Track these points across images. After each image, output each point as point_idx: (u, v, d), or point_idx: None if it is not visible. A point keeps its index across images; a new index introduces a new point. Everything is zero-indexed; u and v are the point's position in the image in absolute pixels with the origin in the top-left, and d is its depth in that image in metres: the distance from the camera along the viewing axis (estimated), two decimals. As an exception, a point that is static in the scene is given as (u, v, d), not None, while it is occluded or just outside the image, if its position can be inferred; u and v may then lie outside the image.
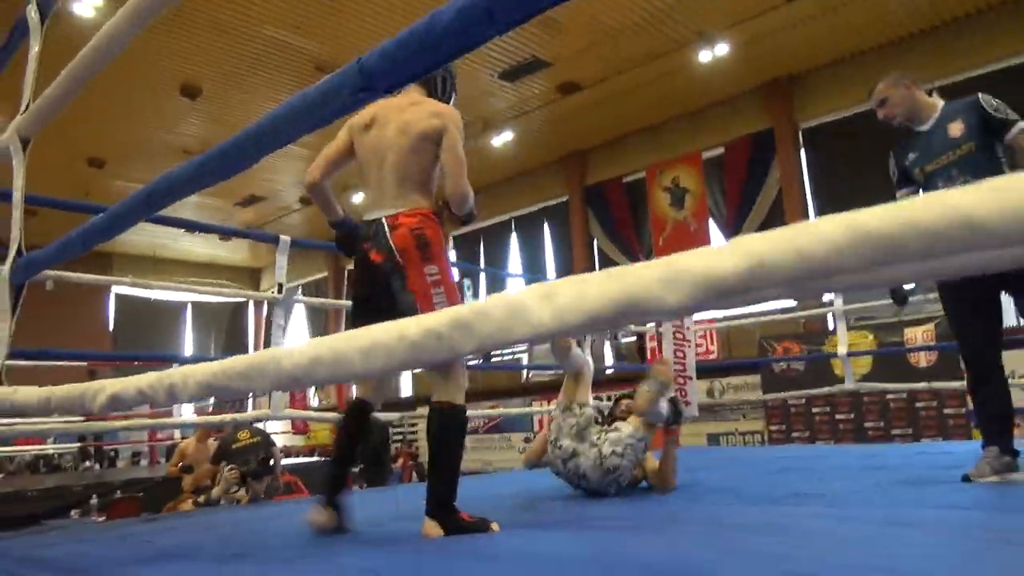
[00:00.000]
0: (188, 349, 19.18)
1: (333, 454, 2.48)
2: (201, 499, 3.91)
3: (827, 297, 12.10)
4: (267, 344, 20.13)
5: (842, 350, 4.81)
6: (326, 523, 2.27)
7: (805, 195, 12.86)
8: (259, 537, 2.39)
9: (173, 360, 7.89)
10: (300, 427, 11.74)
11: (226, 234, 14.32)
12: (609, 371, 13.11)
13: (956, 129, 2.78)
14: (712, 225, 13.99)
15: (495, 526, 2.17)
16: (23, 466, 9.39)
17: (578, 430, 2.87)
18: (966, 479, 2.60)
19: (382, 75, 0.73)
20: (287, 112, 0.91)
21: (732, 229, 13.59)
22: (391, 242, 2.22)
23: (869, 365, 10.78)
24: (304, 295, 20.53)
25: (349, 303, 2.50)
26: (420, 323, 0.83)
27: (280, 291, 3.23)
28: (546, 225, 16.19)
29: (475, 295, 16.68)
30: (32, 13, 1.87)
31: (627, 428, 2.85)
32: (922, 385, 5.60)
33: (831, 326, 12.40)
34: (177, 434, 8.06)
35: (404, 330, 0.83)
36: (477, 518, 2.18)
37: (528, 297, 0.72)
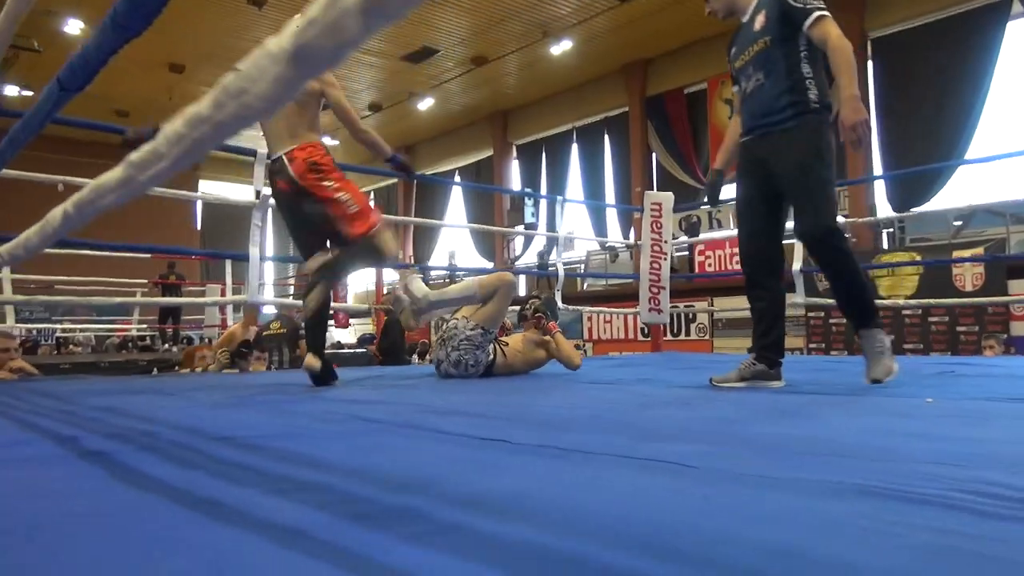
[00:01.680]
0: (269, 249, 20.51)
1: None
2: (199, 369, 4.75)
3: (882, 214, 11.93)
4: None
5: (796, 266, 5.08)
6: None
7: (868, 109, 12.45)
8: (197, 388, 3.05)
9: (227, 256, 8.76)
10: (342, 321, 12.78)
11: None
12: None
13: (759, 21, 2.57)
14: (770, 139, 13.76)
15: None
16: (113, 346, 10.74)
17: (440, 340, 3.47)
18: (711, 383, 2.62)
19: (69, 81, 1.22)
20: (25, 119, 1.39)
21: (790, 144, 13.34)
22: (291, 173, 2.79)
23: (915, 286, 10.76)
24: (375, 200, 21.50)
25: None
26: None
27: (258, 197, 3.85)
28: (606, 136, 16.23)
29: (535, 215, 17.05)
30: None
31: (464, 330, 3.40)
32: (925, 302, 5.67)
33: (885, 245, 12.28)
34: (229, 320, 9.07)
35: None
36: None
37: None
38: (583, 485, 0.98)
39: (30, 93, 16.08)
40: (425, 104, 17.05)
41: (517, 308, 4.04)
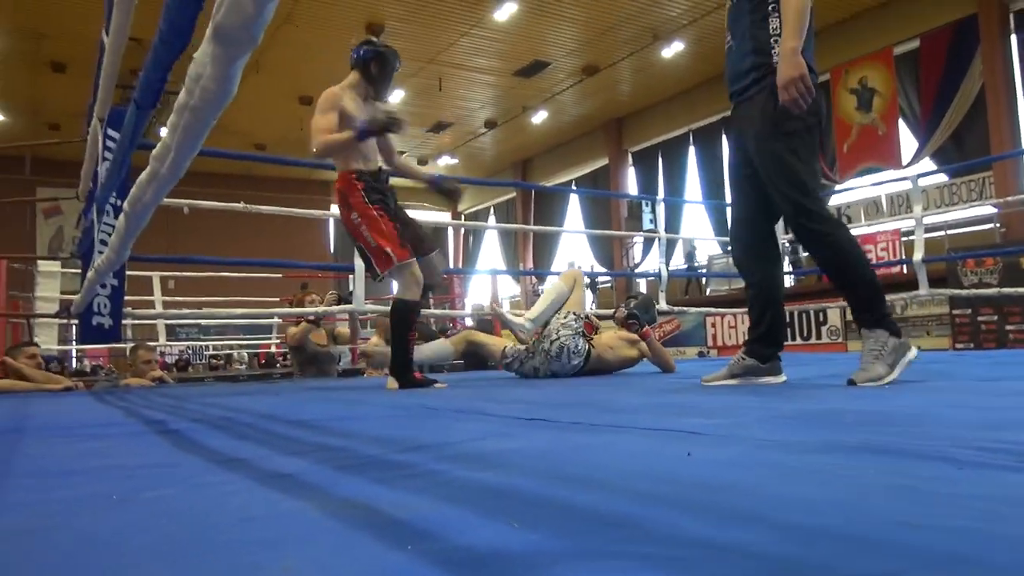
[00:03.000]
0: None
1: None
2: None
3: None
4: (465, 258, 21.86)
5: (918, 256, 4.73)
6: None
7: (1014, 88, 11.44)
8: (307, 388, 3.26)
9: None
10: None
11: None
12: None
13: None
14: (903, 127, 12.91)
15: (440, 384, 2.85)
16: (258, 363, 11.57)
17: (529, 352, 3.53)
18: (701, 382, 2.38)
19: (142, 99, 1.39)
20: (119, 142, 1.58)
21: (926, 131, 12.47)
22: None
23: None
24: (496, 216, 21.93)
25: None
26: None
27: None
28: (724, 136, 15.79)
29: (654, 221, 16.81)
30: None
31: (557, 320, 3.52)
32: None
33: (1042, 235, 11.20)
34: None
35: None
36: (426, 377, 2.91)
37: None
38: (585, 447, 1.01)
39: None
40: (539, 117, 17.25)
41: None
